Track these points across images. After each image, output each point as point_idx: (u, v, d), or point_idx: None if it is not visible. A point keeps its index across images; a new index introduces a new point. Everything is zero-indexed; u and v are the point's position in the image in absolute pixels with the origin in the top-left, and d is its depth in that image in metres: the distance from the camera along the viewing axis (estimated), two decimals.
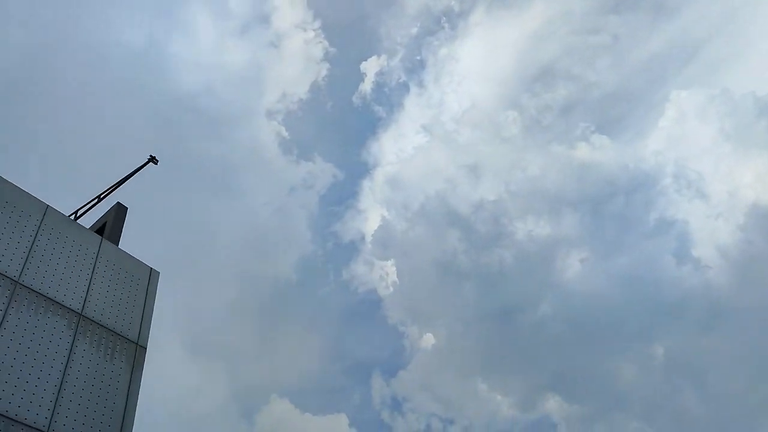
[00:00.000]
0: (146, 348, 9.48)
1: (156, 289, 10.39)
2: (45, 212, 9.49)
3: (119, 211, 11.42)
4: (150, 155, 11.25)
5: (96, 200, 11.44)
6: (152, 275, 10.50)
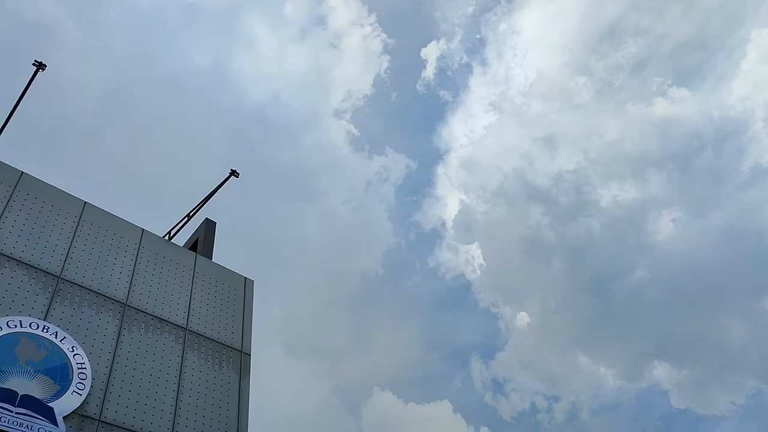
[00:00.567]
0: (250, 355, 9.81)
1: (252, 297, 10.72)
2: (141, 236, 9.96)
3: (209, 227, 11.85)
4: (231, 169, 11.60)
5: (186, 219, 11.91)
6: (247, 284, 10.84)
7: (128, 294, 9.06)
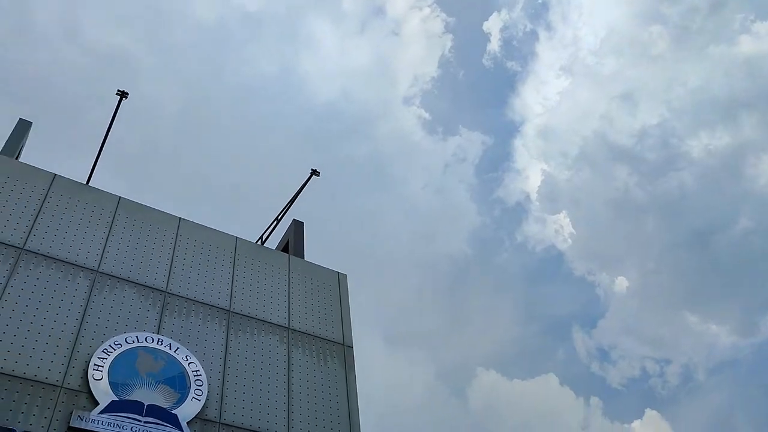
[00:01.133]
0: (353, 347, 10.01)
1: (347, 291, 10.92)
2: (236, 244, 10.34)
3: (297, 227, 12.15)
4: (311, 169, 11.82)
5: (275, 222, 12.25)
6: (340, 279, 11.05)
7: (231, 301, 9.44)
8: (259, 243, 12.32)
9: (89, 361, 7.55)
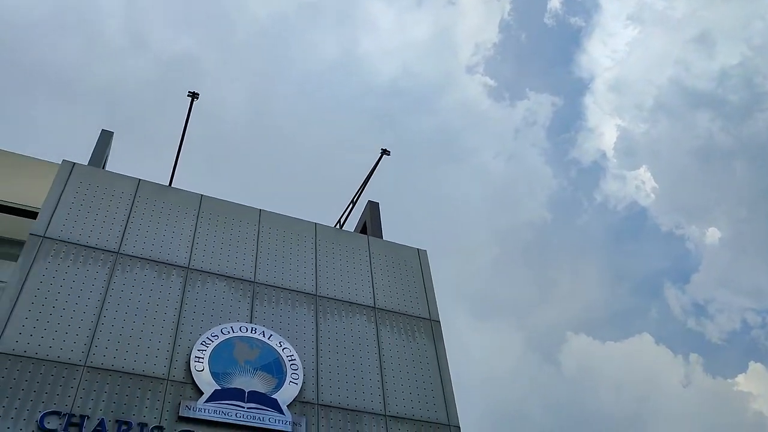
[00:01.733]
0: (440, 321, 10.06)
1: (429, 267, 10.96)
2: (316, 229, 10.54)
3: (373, 208, 12.26)
4: (381, 149, 11.86)
5: (351, 205, 12.40)
6: (421, 255, 11.09)
7: (316, 285, 9.66)
8: (338, 227, 12.51)
9: (190, 354, 7.93)
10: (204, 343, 8.10)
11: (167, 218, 9.47)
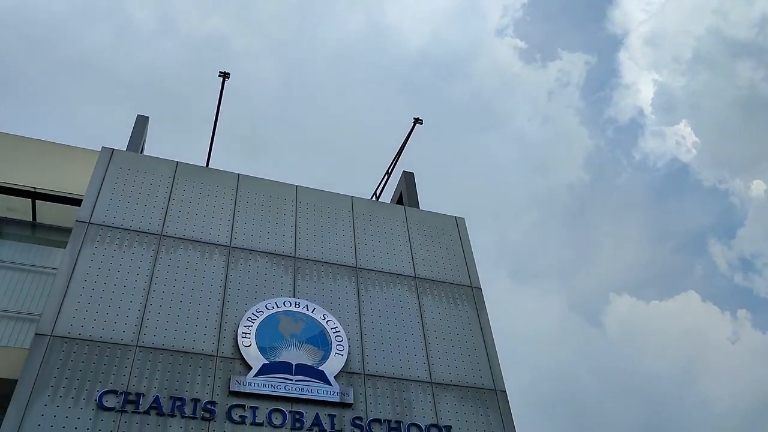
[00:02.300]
0: (481, 288, 10.05)
1: (467, 234, 10.93)
2: (352, 202, 10.58)
3: (408, 178, 12.23)
4: (414, 118, 11.78)
5: (386, 176, 12.40)
6: (459, 223, 11.06)
7: (356, 257, 9.73)
8: (374, 199, 12.54)
9: (237, 330, 8.10)
10: (250, 319, 8.26)
11: (206, 199, 9.61)
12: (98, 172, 9.27)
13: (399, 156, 12.24)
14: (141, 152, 10.75)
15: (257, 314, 8.35)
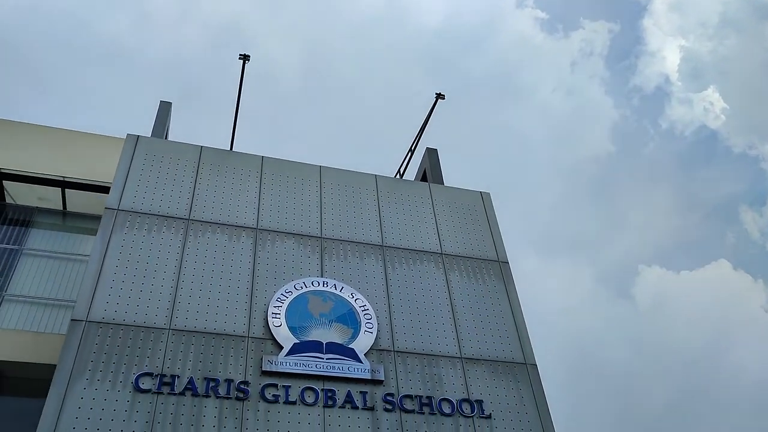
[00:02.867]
0: (508, 262, 10.01)
1: (493, 209, 10.86)
2: (376, 181, 10.56)
3: (432, 155, 12.17)
4: (436, 93, 11.69)
5: (409, 153, 12.34)
6: (484, 198, 10.99)
7: (381, 236, 9.74)
8: (398, 176, 12.51)
9: (267, 311, 8.18)
10: (279, 300, 8.34)
11: (232, 182, 9.67)
12: (124, 159, 9.37)
13: (422, 132, 12.17)
14: (165, 138, 10.83)
15: (286, 295, 8.43)
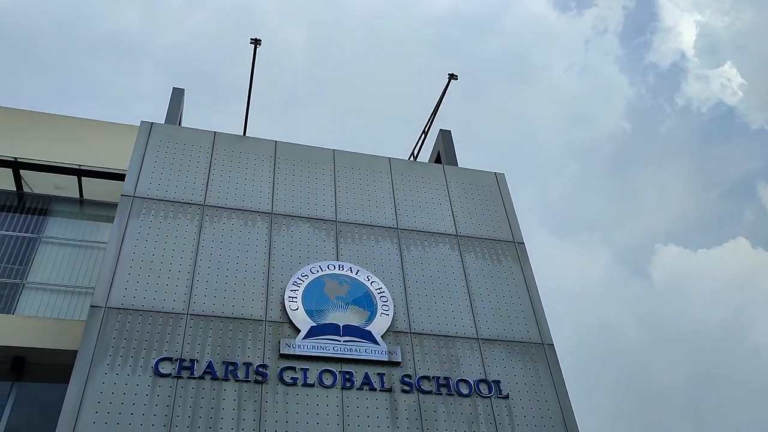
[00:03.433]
0: (524, 243, 9.97)
1: (508, 190, 10.80)
2: (390, 164, 10.53)
3: (445, 136, 12.11)
4: (449, 74, 11.60)
5: (423, 135, 12.29)
6: (499, 178, 10.94)
7: (396, 218, 9.73)
8: (411, 159, 12.47)
9: (284, 295, 8.22)
10: (295, 284, 8.37)
11: (246, 167, 9.69)
12: (139, 147, 9.41)
13: (435, 114, 12.11)
14: (179, 124, 10.86)
15: (302, 278, 8.46)
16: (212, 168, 9.50)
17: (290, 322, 7.98)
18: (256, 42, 10.43)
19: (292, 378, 7.50)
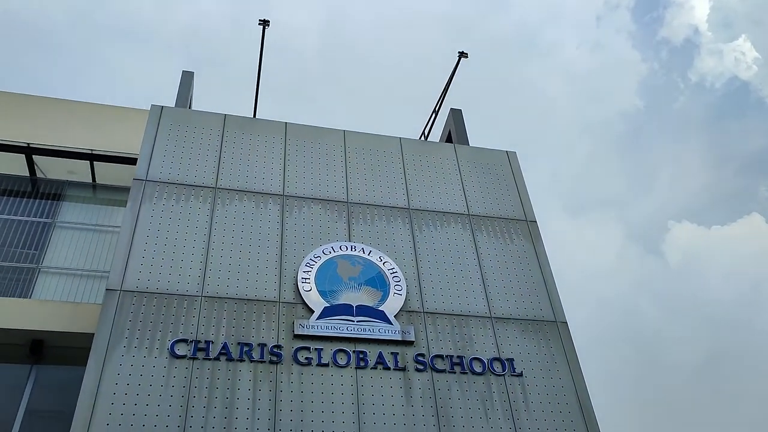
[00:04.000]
0: (536, 221, 9.93)
1: (519, 168, 10.74)
2: (401, 144, 10.49)
3: (456, 115, 12.03)
4: (459, 52, 11.49)
5: (434, 115, 12.22)
6: (510, 157, 10.88)
7: (408, 199, 9.71)
8: (423, 138, 12.41)
9: (296, 276, 8.26)
10: (308, 265, 8.40)
11: (257, 149, 9.69)
12: (150, 130, 9.43)
13: (445, 93, 12.02)
14: (189, 108, 10.86)
15: (315, 260, 8.48)
16: (223, 151, 9.51)
17: (304, 303, 8.02)
18: (265, 23, 10.37)
19: (307, 358, 7.56)
